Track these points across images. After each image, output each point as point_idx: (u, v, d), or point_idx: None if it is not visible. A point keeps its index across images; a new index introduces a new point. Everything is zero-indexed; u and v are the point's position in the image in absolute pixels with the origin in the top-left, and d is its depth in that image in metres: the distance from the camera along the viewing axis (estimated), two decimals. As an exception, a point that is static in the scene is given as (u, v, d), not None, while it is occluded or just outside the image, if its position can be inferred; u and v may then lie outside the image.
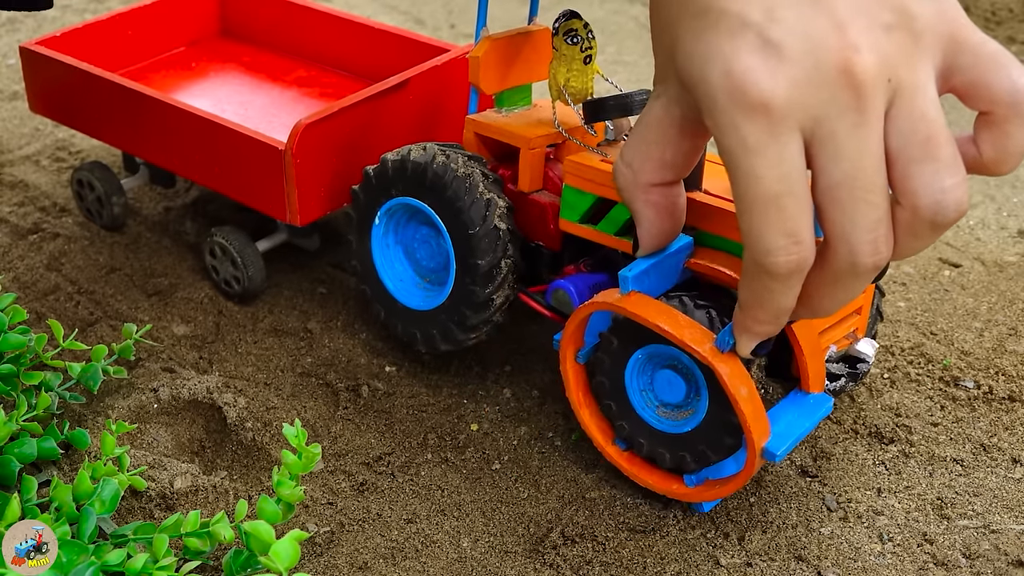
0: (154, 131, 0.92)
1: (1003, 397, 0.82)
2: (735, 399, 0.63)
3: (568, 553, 0.69)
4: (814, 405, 0.69)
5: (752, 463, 0.65)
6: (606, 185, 0.73)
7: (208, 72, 1.09)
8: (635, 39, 1.42)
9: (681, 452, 0.69)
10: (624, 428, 0.72)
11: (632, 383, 0.70)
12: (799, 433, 0.67)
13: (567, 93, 0.75)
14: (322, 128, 0.83)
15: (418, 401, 0.81)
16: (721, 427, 0.67)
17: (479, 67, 0.77)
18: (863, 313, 0.74)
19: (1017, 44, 1.42)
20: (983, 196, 1.10)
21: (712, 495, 0.69)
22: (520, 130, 0.77)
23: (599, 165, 0.74)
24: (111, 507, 0.64)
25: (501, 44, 0.78)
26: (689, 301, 0.66)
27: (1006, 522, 0.72)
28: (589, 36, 0.76)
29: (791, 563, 0.69)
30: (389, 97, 0.88)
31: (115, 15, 1.07)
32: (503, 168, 0.80)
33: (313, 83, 1.06)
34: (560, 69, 0.75)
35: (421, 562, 0.68)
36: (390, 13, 1.49)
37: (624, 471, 0.72)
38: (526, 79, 0.80)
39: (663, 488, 0.71)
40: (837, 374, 0.72)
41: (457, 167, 0.75)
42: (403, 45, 1.01)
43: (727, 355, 0.64)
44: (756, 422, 0.64)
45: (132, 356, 0.81)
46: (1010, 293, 0.95)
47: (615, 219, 0.74)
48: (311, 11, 1.08)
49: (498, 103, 0.80)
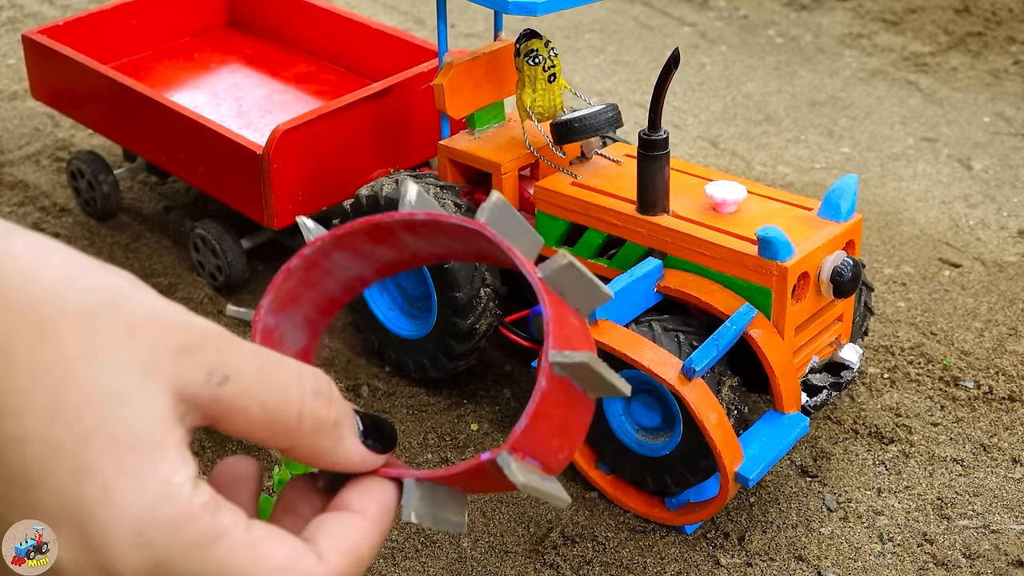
0: (144, 125, 0.92)
1: (1003, 397, 0.82)
2: (703, 425, 0.63)
3: (568, 553, 0.69)
4: (788, 426, 0.68)
5: (726, 487, 0.65)
6: (575, 211, 0.73)
7: (209, 64, 1.09)
8: (635, 39, 1.42)
9: (662, 475, 0.69)
10: (608, 453, 0.72)
11: (611, 408, 0.71)
12: (773, 456, 0.66)
13: (533, 114, 0.75)
14: (300, 134, 0.83)
15: (418, 401, 0.81)
16: (696, 450, 0.67)
17: (444, 94, 0.77)
18: (845, 320, 0.73)
19: (1017, 44, 1.42)
20: (983, 196, 1.10)
21: (693, 518, 0.69)
22: (492, 155, 0.77)
23: (568, 191, 0.73)
24: (111, 507, 0.63)
25: (464, 68, 0.77)
26: (658, 327, 0.67)
27: (1006, 522, 0.72)
28: (551, 54, 0.75)
29: (791, 563, 0.69)
30: (369, 104, 0.87)
31: (120, 5, 1.06)
32: (479, 192, 0.80)
33: (311, 79, 1.06)
34: (526, 91, 0.75)
35: (421, 562, 0.68)
36: (390, 13, 1.49)
37: (607, 495, 0.72)
38: (496, 97, 0.80)
39: (645, 512, 0.71)
40: (819, 386, 0.71)
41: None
42: (403, 47, 1.01)
43: (694, 382, 0.64)
44: (726, 447, 0.64)
45: (132, 356, 0.81)
46: (1010, 293, 0.95)
47: (589, 243, 0.74)
48: (316, 8, 1.08)
49: (470, 124, 0.80)
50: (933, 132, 1.23)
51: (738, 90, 1.32)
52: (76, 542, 0.40)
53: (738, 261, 0.67)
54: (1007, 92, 1.31)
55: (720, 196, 0.70)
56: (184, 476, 0.40)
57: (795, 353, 0.69)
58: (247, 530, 0.41)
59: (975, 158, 1.17)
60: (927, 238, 1.03)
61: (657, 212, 0.70)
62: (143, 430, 0.40)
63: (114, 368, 0.40)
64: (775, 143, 1.20)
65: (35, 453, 0.40)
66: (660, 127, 0.68)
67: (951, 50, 1.42)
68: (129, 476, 0.40)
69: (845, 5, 1.55)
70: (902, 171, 1.15)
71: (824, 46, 1.44)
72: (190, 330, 0.40)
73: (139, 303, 0.40)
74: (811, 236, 0.68)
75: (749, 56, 1.41)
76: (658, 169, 0.69)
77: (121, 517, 0.40)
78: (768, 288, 0.66)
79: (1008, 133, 1.22)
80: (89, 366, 0.40)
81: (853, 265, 0.68)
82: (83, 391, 0.40)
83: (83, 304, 0.40)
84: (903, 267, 0.98)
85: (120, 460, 0.40)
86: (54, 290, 0.40)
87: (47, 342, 0.40)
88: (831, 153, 1.19)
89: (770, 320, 0.67)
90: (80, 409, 0.40)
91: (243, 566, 0.40)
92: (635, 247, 0.71)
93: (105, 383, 0.40)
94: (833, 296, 0.69)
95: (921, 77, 1.35)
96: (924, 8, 1.51)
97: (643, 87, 1.31)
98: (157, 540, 0.40)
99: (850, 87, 1.33)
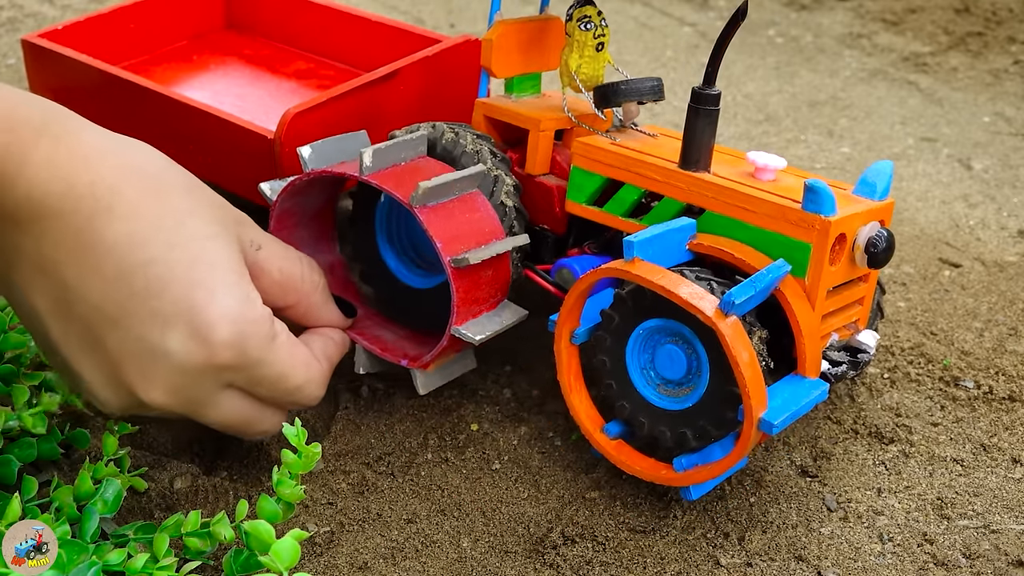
0: (148, 121, 0.92)
1: (1003, 397, 0.83)
2: (735, 363, 0.63)
3: (568, 553, 0.69)
4: (810, 387, 0.68)
5: (748, 435, 0.65)
6: (615, 166, 0.74)
7: (208, 65, 1.09)
8: (635, 39, 1.42)
9: (682, 429, 0.69)
10: (625, 408, 0.71)
11: (633, 361, 0.70)
12: (796, 410, 0.66)
13: (578, 79, 0.76)
14: (311, 117, 0.83)
15: (418, 401, 0.81)
16: (722, 400, 0.66)
17: (492, 50, 0.78)
18: (865, 304, 0.74)
19: (1017, 44, 1.42)
20: (983, 196, 1.10)
21: (702, 477, 0.68)
22: (530, 113, 0.78)
23: (608, 147, 0.74)
24: (114, 507, 0.64)
25: (514, 29, 0.78)
26: (690, 274, 0.67)
27: (1006, 522, 0.72)
28: (603, 23, 0.76)
29: (791, 563, 0.69)
30: (379, 87, 0.88)
31: (118, 8, 1.07)
32: (511, 151, 0.80)
33: (311, 75, 1.06)
34: (572, 55, 0.76)
35: (421, 562, 0.68)
36: (390, 12, 1.50)
37: (612, 459, 0.72)
38: (536, 67, 0.81)
39: (652, 475, 0.71)
40: (839, 360, 0.72)
41: (466, 143, 0.76)
42: (404, 39, 1.01)
43: (730, 318, 0.64)
44: (755, 388, 0.64)
45: (132, 356, 0.81)
46: (1010, 293, 0.95)
47: (623, 200, 0.74)
48: (313, 5, 1.08)
49: (508, 89, 0.81)
50: (933, 132, 1.23)
51: (738, 90, 1.32)
52: (187, 334, 0.59)
53: (780, 215, 0.67)
54: (1007, 92, 1.31)
55: (762, 162, 0.71)
56: (256, 294, 0.62)
57: (822, 319, 0.69)
58: (287, 336, 0.65)
59: (975, 158, 1.17)
60: (927, 238, 1.03)
61: (700, 169, 0.71)
62: (232, 260, 0.61)
63: (208, 220, 0.61)
64: (775, 143, 1.20)
65: (157, 272, 0.59)
66: (715, 83, 0.69)
67: (951, 50, 1.42)
68: (227, 287, 0.60)
69: (845, 5, 1.55)
70: (902, 171, 1.15)
71: (824, 46, 1.44)
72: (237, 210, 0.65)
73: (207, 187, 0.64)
74: (850, 205, 0.69)
75: (749, 56, 1.41)
76: (707, 125, 0.70)
77: (223, 313, 0.60)
78: (808, 243, 0.67)
79: (1008, 133, 1.22)
80: (193, 218, 0.61)
81: (888, 236, 0.69)
82: (190, 232, 0.60)
83: (183, 181, 0.63)
84: (903, 267, 0.98)
85: (220, 277, 0.60)
86: (164, 169, 0.62)
87: (164, 203, 0.60)
88: (831, 153, 1.19)
89: (804, 279, 0.67)
90: (189, 243, 0.60)
91: (285, 358, 0.64)
92: (671, 203, 0.72)
93: (204, 229, 0.61)
94: (867, 266, 0.69)
95: (921, 77, 1.35)
96: (924, 8, 1.51)
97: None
98: (245, 330, 0.61)
99: (850, 87, 1.33)
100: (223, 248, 0.62)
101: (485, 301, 0.74)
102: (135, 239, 0.59)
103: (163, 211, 0.60)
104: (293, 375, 0.65)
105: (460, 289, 0.71)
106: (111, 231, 0.58)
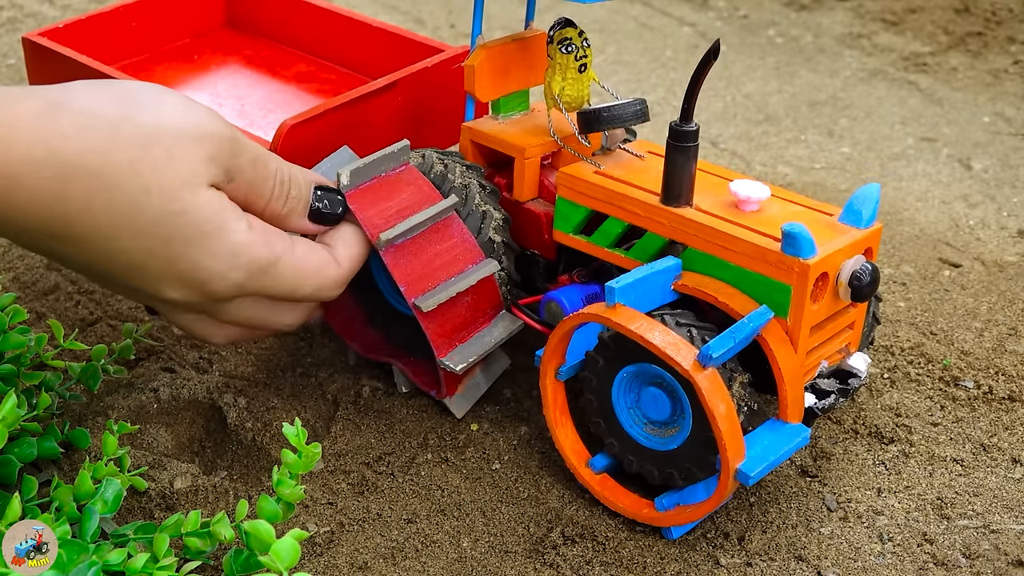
0: None
1: (1003, 397, 0.83)
2: (711, 416, 0.63)
3: (568, 553, 0.69)
4: (791, 434, 0.68)
5: (725, 484, 0.65)
6: (598, 199, 0.73)
7: (209, 65, 1.09)
8: (635, 39, 1.42)
9: (668, 469, 0.69)
10: (614, 446, 0.72)
11: (620, 401, 0.70)
12: (774, 459, 0.66)
13: (561, 102, 0.75)
14: (308, 128, 0.83)
15: (418, 401, 0.81)
16: (704, 444, 0.67)
17: (474, 76, 0.77)
18: (856, 327, 0.73)
19: (1017, 44, 1.42)
20: (983, 196, 1.10)
21: (683, 519, 0.69)
22: (516, 139, 0.77)
23: (591, 178, 0.74)
24: (114, 507, 0.63)
25: (496, 51, 0.78)
26: (671, 319, 0.67)
27: (1006, 522, 0.72)
28: (584, 44, 0.76)
29: (791, 563, 0.69)
30: (376, 98, 0.87)
31: (118, 7, 1.07)
32: (499, 176, 0.80)
33: (312, 79, 1.06)
34: (555, 78, 0.75)
35: (421, 562, 0.68)
36: (390, 13, 1.50)
37: (596, 494, 0.72)
38: (523, 85, 0.80)
39: (634, 513, 0.71)
40: (827, 390, 0.71)
41: (454, 177, 0.75)
42: (405, 45, 1.01)
43: (708, 370, 0.64)
44: (732, 440, 0.64)
45: (132, 355, 0.81)
46: (1010, 293, 0.95)
47: (608, 232, 0.74)
48: (315, 7, 1.08)
49: (494, 109, 0.80)
50: (933, 132, 1.23)
51: (738, 90, 1.32)
52: (188, 281, 0.64)
53: (760, 256, 0.67)
54: (1007, 92, 1.31)
55: (744, 194, 0.70)
56: (246, 225, 0.65)
57: (807, 354, 0.69)
58: (292, 249, 0.68)
59: (975, 158, 1.17)
60: (927, 238, 1.03)
61: (681, 204, 0.70)
62: (216, 209, 0.64)
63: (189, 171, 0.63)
64: (775, 143, 1.20)
65: (174, 222, 0.62)
66: (692, 119, 0.68)
67: (951, 50, 1.42)
68: (223, 231, 0.64)
69: (845, 5, 1.55)
70: (902, 171, 1.15)
71: (824, 46, 1.44)
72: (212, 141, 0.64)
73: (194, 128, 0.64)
74: (832, 239, 0.68)
75: (749, 56, 1.41)
76: (686, 161, 0.69)
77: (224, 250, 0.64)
78: (788, 285, 0.66)
79: (1008, 133, 1.22)
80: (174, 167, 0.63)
81: (872, 270, 0.68)
82: (177, 179, 0.63)
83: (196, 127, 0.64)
84: (903, 267, 0.98)
85: (221, 219, 0.64)
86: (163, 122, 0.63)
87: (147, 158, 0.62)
88: (831, 153, 1.19)
89: (786, 319, 0.67)
90: (176, 193, 0.63)
91: (292, 276, 0.67)
92: (655, 238, 0.71)
93: (187, 178, 0.63)
94: (851, 300, 0.68)
95: (921, 77, 1.35)
96: (924, 8, 1.51)
97: (643, 87, 1.31)
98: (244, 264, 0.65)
99: (850, 87, 1.33)
100: (208, 199, 0.64)
101: (467, 327, 0.75)
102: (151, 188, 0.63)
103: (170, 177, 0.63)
104: (303, 285, 0.69)
105: (430, 328, 0.73)
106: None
